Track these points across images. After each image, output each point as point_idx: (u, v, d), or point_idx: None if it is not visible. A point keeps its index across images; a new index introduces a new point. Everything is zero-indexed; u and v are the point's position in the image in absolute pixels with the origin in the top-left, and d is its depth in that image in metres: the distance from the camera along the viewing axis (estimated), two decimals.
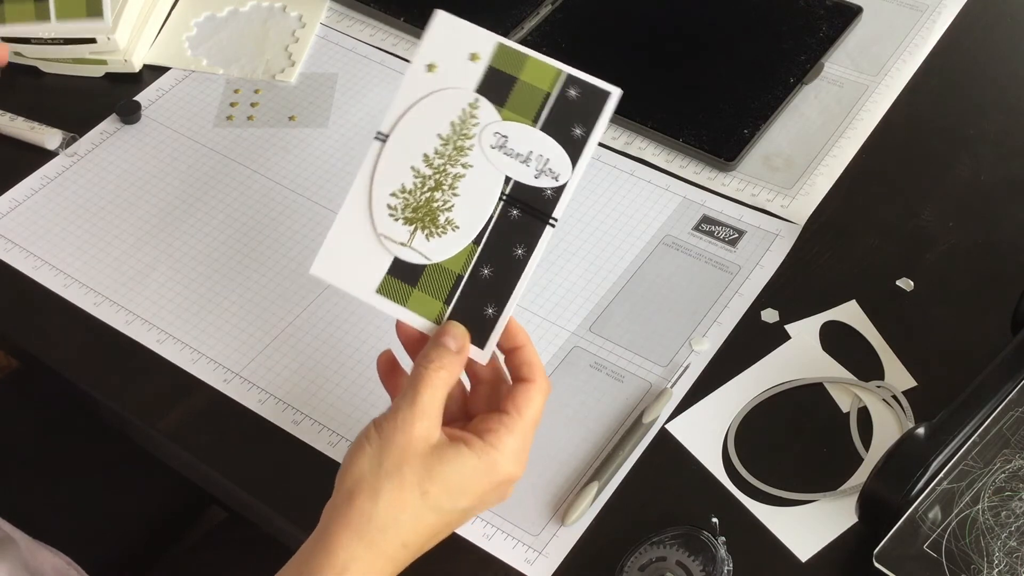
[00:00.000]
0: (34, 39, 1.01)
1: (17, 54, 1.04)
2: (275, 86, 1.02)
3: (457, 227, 0.68)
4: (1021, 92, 0.99)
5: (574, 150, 0.68)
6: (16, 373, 1.10)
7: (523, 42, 1.02)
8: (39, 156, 0.97)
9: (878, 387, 0.80)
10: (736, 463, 0.77)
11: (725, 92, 0.98)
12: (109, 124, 1.00)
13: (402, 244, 0.69)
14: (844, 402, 0.79)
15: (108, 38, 1.01)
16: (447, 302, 0.68)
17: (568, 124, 0.68)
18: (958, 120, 0.97)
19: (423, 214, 0.69)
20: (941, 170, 0.93)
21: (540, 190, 0.67)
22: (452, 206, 0.68)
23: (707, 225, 0.90)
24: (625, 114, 0.97)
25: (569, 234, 0.90)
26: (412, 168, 0.69)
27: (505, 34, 1.02)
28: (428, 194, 0.69)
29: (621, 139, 0.96)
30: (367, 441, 0.64)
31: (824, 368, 0.81)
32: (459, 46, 0.69)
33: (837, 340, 0.83)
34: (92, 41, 1.01)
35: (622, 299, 0.86)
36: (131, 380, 0.83)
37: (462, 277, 0.68)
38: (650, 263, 0.88)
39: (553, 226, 0.68)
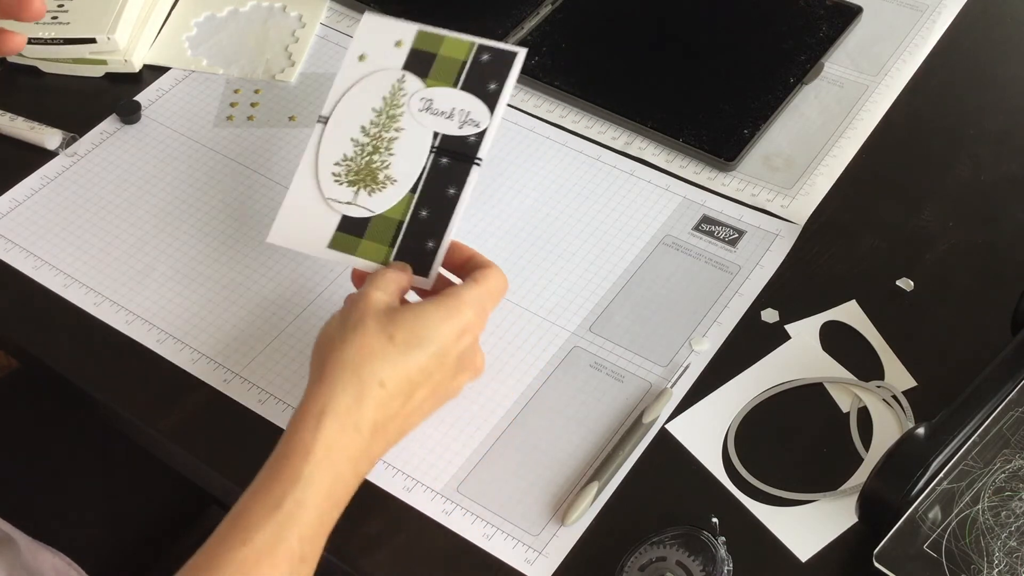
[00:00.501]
0: (34, 39, 1.01)
1: (17, 54, 1.04)
2: (275, 86, 1.02)
3: (395, 180, 0.79)
4: (1021, 92, 0.99)
5: (491, 101, 0.79)
6: (16, 373, 1.10)
7: (523, 42, 1.03)
8: (39, 156, 0.97)
9: (878, 387, 0.80)
10: (736, 463, 0.77)
11: (725, 92, 0.98)
12: (109, 124, 1.00)
13: (348, 203, 0.79)
14: (844, 402, 0.79)
15: (108, 38, 1.01)
16: (392, 245, 0.77)
17: (484, 82, 0.79)
18: (958, 120, 0.97)
19: (364, 175, 0.79)
20: (941, 170, 0.93)
21: (464, 138, 0.78)
22: (389, 164, 0.79)
23: (707, 225, 0.90)
24: (625, 114, 0.97)
25: (569, 234, 0.90)
26: (351, 139, 0.80)
27: (505, 34, 1.03)
28: (368, 158, 0.79)
29: (621, 139, 0.96)
30: (329, 321, 0.71)
31: (824, 368, 0.81)
32: (385, 37, 0.82)
33: (837, 340, 0.83)
34: (92, 41, 1.01)
35: (622, 299, 0.86)
36: (131, 380, 0.83)
37: (403, 222, 0.77)
38: (650, 263, 0.88)
39: (479, 165, 0.78)
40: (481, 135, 0.78)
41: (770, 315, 0.84)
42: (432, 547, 0.74)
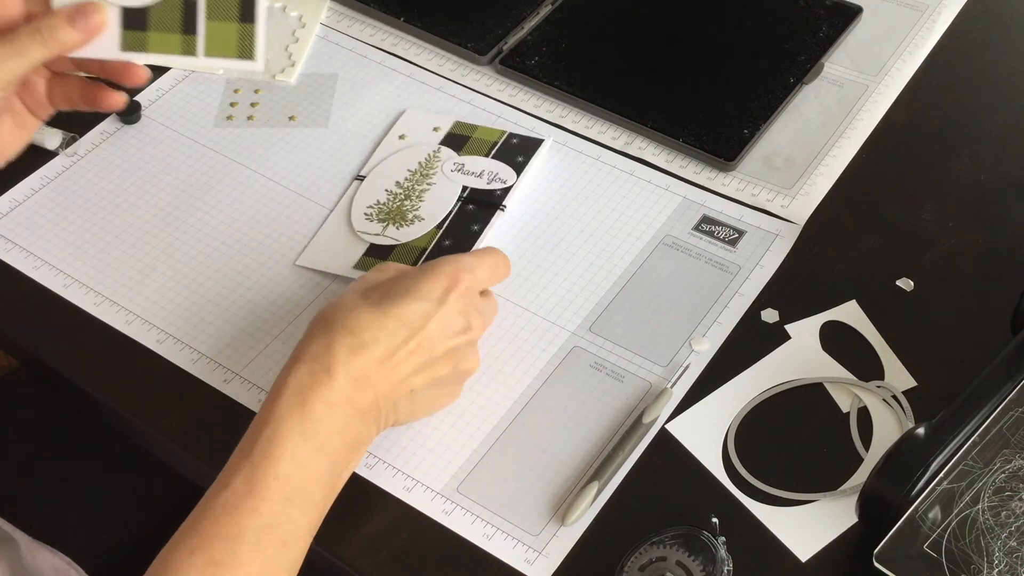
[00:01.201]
0: None
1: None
2: (275, 86, 1.02)
3: (423, 219, 0.87)
4: (1021, 92, 0.99)
5: (519, 168, 0.90)
6: (16, 373, 1.10)
7: (523, 42, 1.03)
8: (39, 156, 0.97)
9: (878, 387, 0.80)
10: (736, 463, 0.77)
11: (725, 92, 0.98)
12: (109, 124, 1.00)
13: (376, 235, 0.86)
14: (844, 402, 0.79)
15: None
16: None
17: (513, 156, 0.91)
18: (958, 120, 0.97)
19: (395, 215, 0.87)
20: (941, 170, 0.93)
21: (491, 191, 0.88)
22: (419, 208, 0.87)
23: (707, 225, 0.90)
24: (625, 114, 0.97)
25: (569, 234, 0.90)
26: (386, 190, 0.89)
27: (505, 34, 1.03)
28: (399, 203, 0.87)
29: (621, 139, 0.96)
30: None
31: (824, 368, 0.81)
32: (423, 125, 0.93)
33: (837, 340, 0.83)
34: None
35: (622, 299, 0.86)
36: (131, 380, 0.83)
37: (426, 249, 0.85)
38: (650, 263, 0.88)
39: (503, 211, 0.87)
40: (507, 189, 0.89)
41: (770, 315, 0.84)
42: (432, 547, 0.74)
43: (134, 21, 0.70)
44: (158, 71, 1.04)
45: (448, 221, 0.87)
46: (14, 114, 0.71)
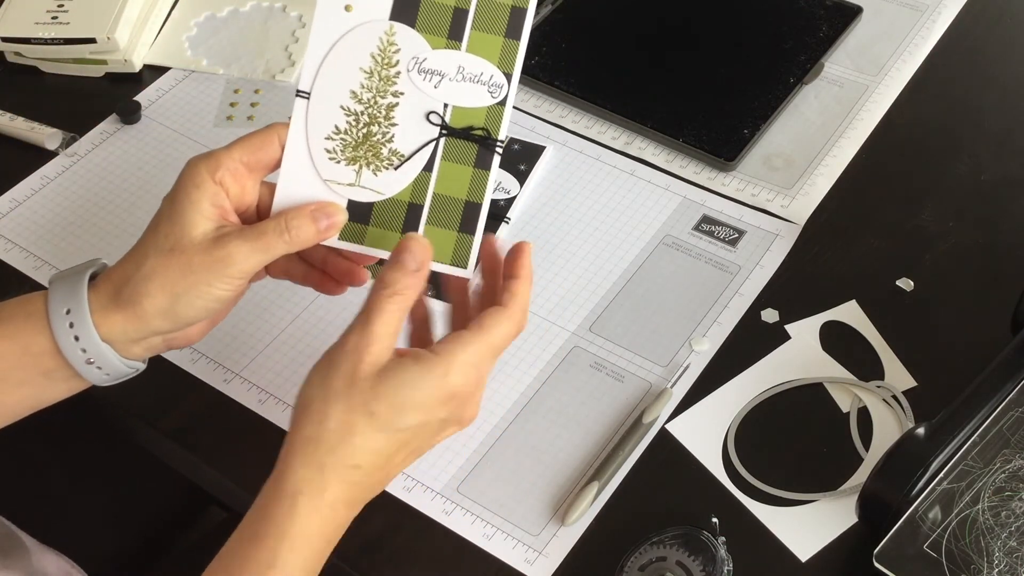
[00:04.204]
0: (34, 39, 1.01)
1: (17, 54, 1.04)
2: (275, 86, 1.02)
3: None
4: (1021, 92, 0.99)
5: (521, 177, 0.72)
6: None
7: None
8: (39, 156, 0.97)
9: (878, 387, 0.80)
10: (736, 463, 0.77)
11: (725, 92, 0.98)
12: (109, 124, 1.00)
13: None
14: (844, 402, 0.79)
15: (108, 38, 1.01)
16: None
17: (515, 164, 0.74)
18: (958, 120, 0.97)
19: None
20: (941, 170, 0.93)
21: (495, 201, 0.70)
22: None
23: (707, 225, 0.90)
24: (625, 114, 0.97)
25: (569, 234, 0.90)
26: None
27: None
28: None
29: (621, 139, 0.96)
30: (316, 370, 0.65)
31: (824, 368, 0.81)
32: None
33: (837, 340, 0.83)
34: (92, 41, 1.01)
35: (622, 299, 0.86)
36: (132, 381, 0.83)
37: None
38: (650, 263, 0.88)
39: (507, 223, 0.72)
40: (511, 200, 0.75)
41: (770, 315, 0.84)
42: (432, 547, 0.74)
43: (358, 214, 0.69)
44: (159, 71, 1.04)
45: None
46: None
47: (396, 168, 0.68)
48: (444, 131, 0.68)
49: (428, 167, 0.68)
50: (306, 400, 0.64)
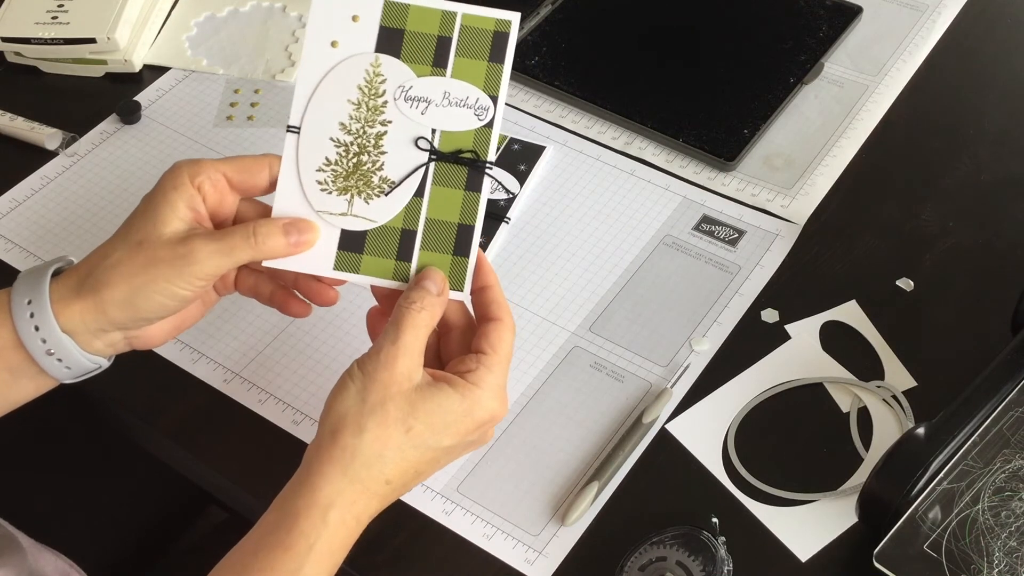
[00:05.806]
0: (34, 39, 1.01)
1: (17, 54, 1.04)
2: (275, 86, 1.02)
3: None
4: (1021, 92, 0.99)
5: (521, 177, 0.72)
6: None
7: (523, 42, 1.02)
8: (39, 156, 0.97)
9: (878, 387, 0.80)
10: (736, 463, 0.77)
11: (725, 92, 0.98)
12: (109, 124, 1.00)
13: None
14: (844, 402, 0.79)
15: (108, 38, 1.01)
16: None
17: (515, 164, 0.74)
18: (958, 120, 0.97)
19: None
20: (941, 170, 0.93)
21: (495, 201, 0.71)
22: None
23: (707, 225, 0.90)
24: (625, 114, 0.97)
25: (569, 234, 0.90)
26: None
27: None
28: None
29: (621, 139, 0.96)
30: (350, 379, 0.65)
31: (824, 368, 0.81)
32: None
33: (837, 340, 0.83)
34: (92, 41, 1.01)
35: (622, 299, 0.86)
36: (131, 380, 0.83)
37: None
38: (650, 263, 0.88)
39: (507, 223, 0.72)
40: (511, 200, 0.75)
41: (770, 315, 0.84)
42: (432, 547, 0.74)
43: (351, 243, 0.69)
44: (159, 71, 1.04)
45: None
46: (203, 295, 0.71)
47: (387, 195, 0.69)
48: (433, 156, 0.69)
49: (419, 192, 0.69)
50: (341, 410, 0.64)
